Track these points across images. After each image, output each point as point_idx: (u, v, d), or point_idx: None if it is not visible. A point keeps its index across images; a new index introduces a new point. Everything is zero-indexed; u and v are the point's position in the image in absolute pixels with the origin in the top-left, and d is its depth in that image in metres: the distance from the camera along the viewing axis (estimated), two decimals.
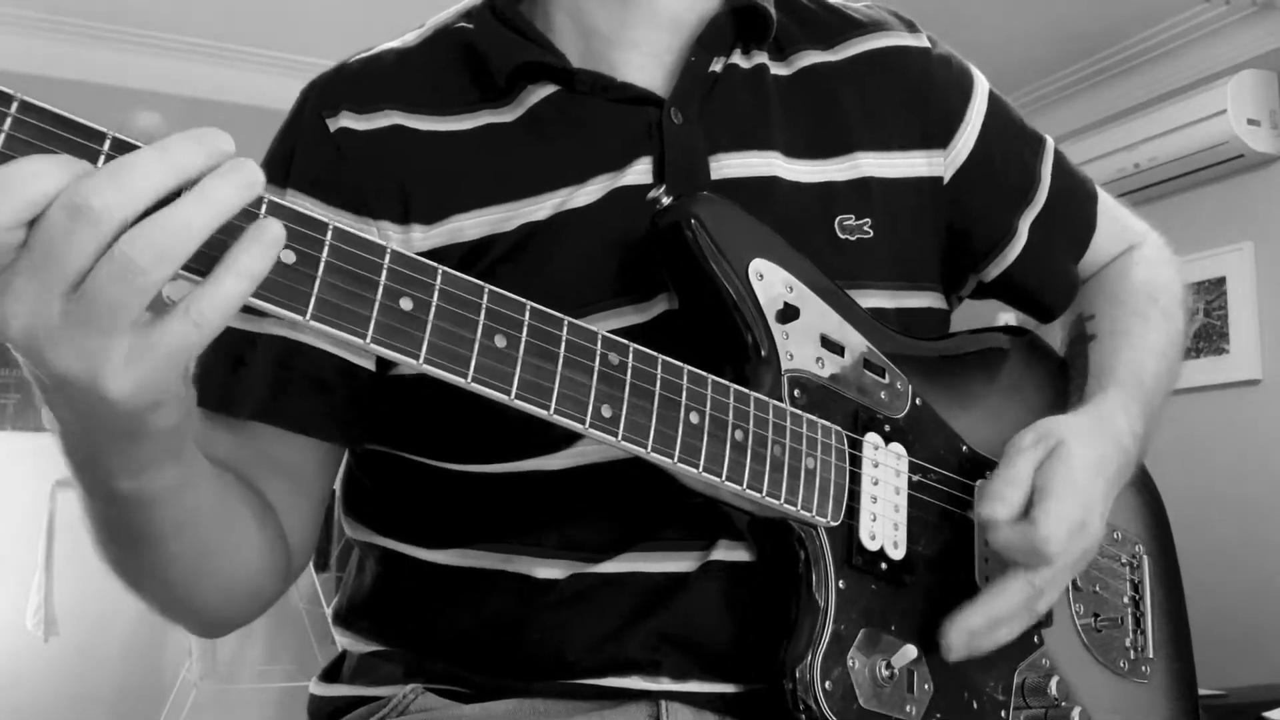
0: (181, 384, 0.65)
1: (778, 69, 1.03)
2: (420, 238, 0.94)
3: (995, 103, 1.11)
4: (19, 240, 0.56)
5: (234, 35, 4.00)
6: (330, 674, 1.03)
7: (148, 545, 0.79)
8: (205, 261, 0.59)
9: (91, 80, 3.92)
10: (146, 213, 0.57)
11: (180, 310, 0.59)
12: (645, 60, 0.99)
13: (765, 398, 0.83)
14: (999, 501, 0.88)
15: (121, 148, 0.58)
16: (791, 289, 0.88)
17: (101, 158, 0.57)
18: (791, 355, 0.87)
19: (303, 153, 0.97)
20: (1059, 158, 1.15)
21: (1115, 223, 1.18)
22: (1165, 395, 1.09)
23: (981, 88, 1.10)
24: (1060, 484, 0.88)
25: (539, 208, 0.94)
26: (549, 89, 0.97)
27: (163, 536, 0.78)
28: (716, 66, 0.99)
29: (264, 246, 0.60)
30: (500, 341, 0.70)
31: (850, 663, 0.84)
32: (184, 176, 0.58)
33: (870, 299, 0.96)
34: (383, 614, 0.99)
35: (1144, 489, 1.15)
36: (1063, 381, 1.09)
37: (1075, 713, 0.93)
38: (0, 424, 3.83)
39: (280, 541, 0.93)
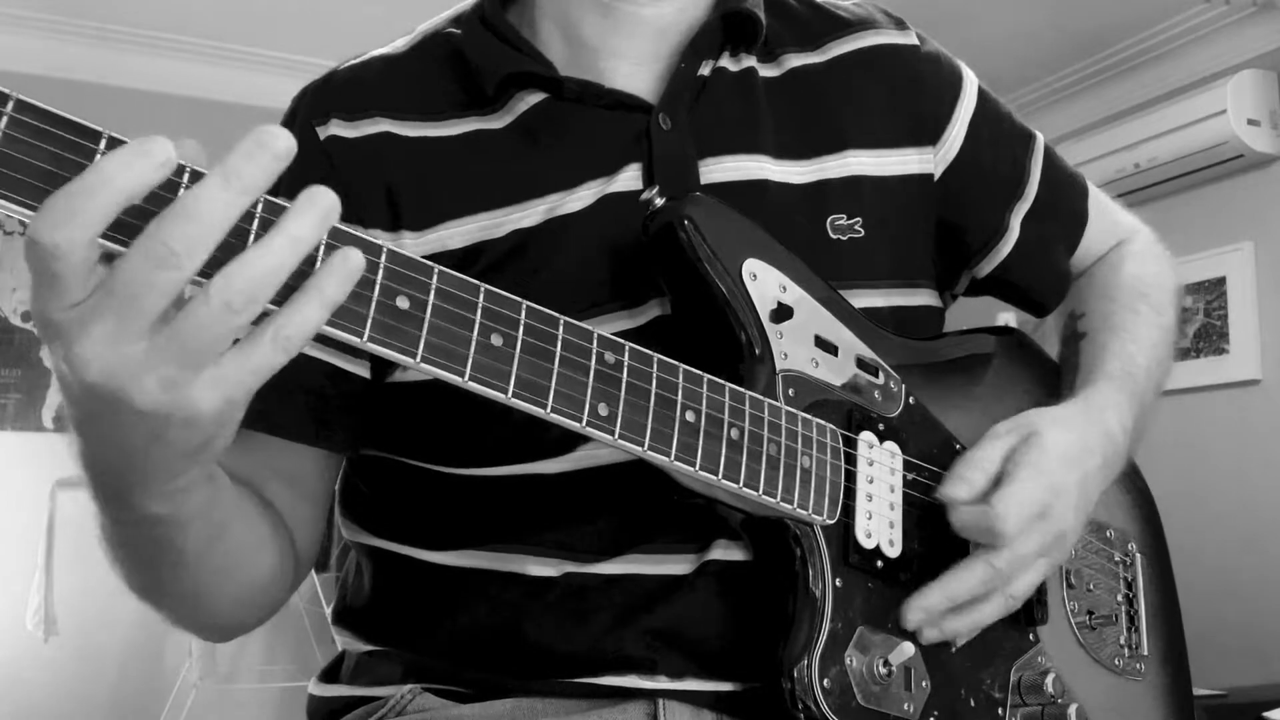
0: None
1: (766, 71, 1.03)
2: (410, 244, 0.94)
3: (984, 99, 1.11)
4: (96, 258, 0.57)
5: (234, 35, 4.00)
6: (329, 674, 1.03)
7: (176, 562, 0.79)
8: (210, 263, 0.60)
9: (92, 80, 3.93)
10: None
11: (269, 335, 0.60)
12: (633, 67, 0.99)
13: (761, 397, 0.84)
14: (959, 482, 0.89)
15: (117, 147, 0.58)
16: (785, 289, 0.89)
17: (97, 156, 0.57)
18: (786, 355, 0.87)
19: (293, 161, 0.97)
20: (1049, 153, 1.15)
21: (1106, 217, 1.18)
22: (1157, 389, 1.09)
23: (970, 84, 1.10)
24: (1025, 469, 0.89)
25: (529, 214, 0.94)
26: (537, 96, 0.97)
27: (193, 553, 0.78)
28: (704, 70, 0.99)
29: (348, 273, 0.61)
30: (497, 340, 0.70)
31: (848, 661, 0.84)
32: (254, 196, 0.58)
33: (863, 298, 0.96)
34: (381, 614, 0.99)
35: (1134, 487, 1.15)
36: (1054, 379, 1.10)
37: (1072, 710, 0.93)
38: (0, 424, 3.83)
39: (290, 546, 0.93)
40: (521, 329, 0.71)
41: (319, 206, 0.60)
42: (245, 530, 0.86)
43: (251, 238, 0.61)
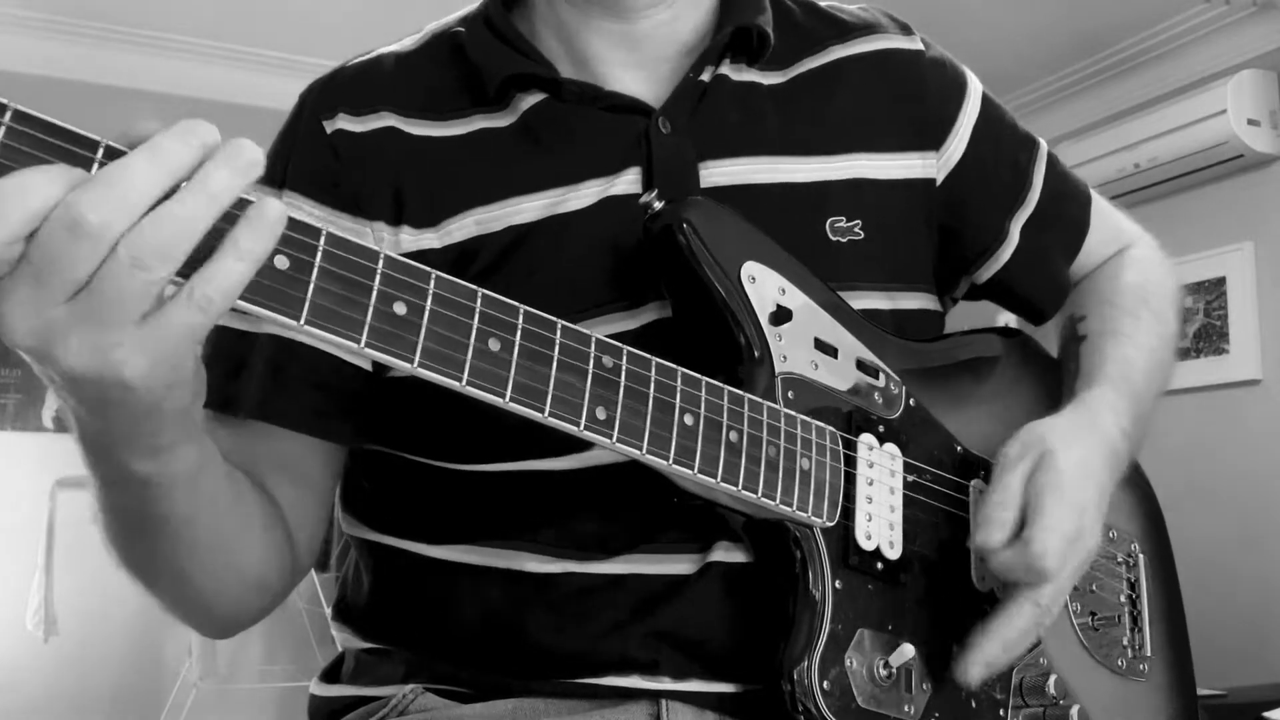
0: (194, 363, 0.66)
1: (769, 77, 1.03)
2: (409, 240, 0.94)
3: (988, 105, 1.11)
4: (17, 254, 0.57)
5: (234, 35, 4.00)
6: (330, 674, 1.03)
7: (164, 533, 0.79)
8: (204, 249, 0.60)
9: (91, 80, 3.93)
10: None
11: (184, 295, 0.60)
12: (631, 72, 1.00)
13: (759, 399, 0.84)
14: (993, 526, 0.88)
15: (115, 156, 0.58)
16: (784, 291, 0.89)
17: (95, 165, 0.57)
18: (785, 357, 0.87)
19: (300, 154, 0.98)
20: (1052, 160, 1.15)
21: (1108, 225, 1.18)
22: (1157, 394, 1.09)
23: (975, 90, 1.10)
24: (1050, 498, 0.88)
25: (527, 209, 0.94)
26: (538, 97, 0.97)
27: (179, 522, 0.78)
28: (705, 76, 0.99)
29: (265, 225, 0.60)
30: (494, 345, 0.70)
31: (848, 663, 0.84)
32: (177, 177, 0.58)
33: (863, 300, 0.96)
34: (380, 611, 0.99)
35: (1137, 487, 1.15)
36: (1055, 382, 1.09)
37: (1074, 711, 0.93)
38: (0, 424, 3.83)
39: (287, 538, 0.93)
40: (519, 333, 0.71)
41: (240, 157, 0.59)
42: (239, 512, 0.86)
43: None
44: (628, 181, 0.95)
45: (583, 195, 0.94)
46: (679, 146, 0.96)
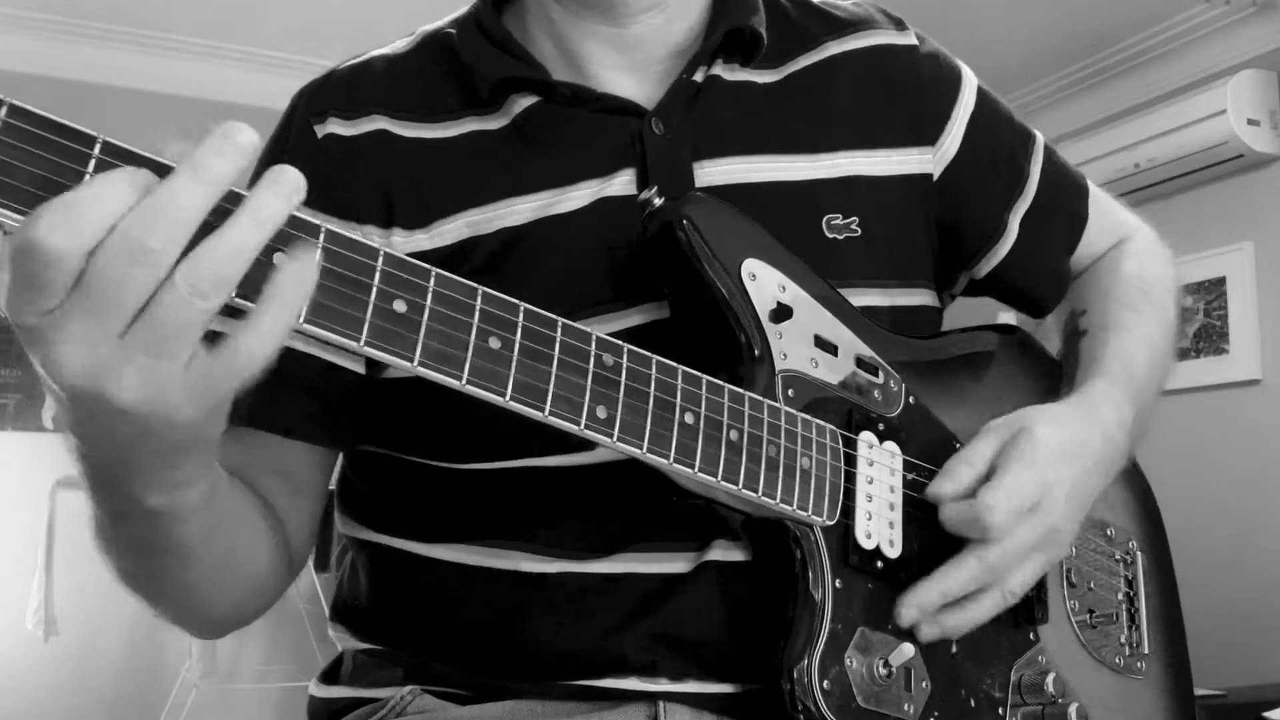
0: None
1: (762, 76, 1.02)
2: (402, 242, 0.94)
3: (984, 99, 1.11)
4: (77, 271, 0.56)
5: (233, 35, 4.00)
6: (329, 675, 1.03)
7: (174, 557, 0.79)
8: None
9: (91, 80, 3.93)
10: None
11: (231, 348, 0.60)
12: (623, 74, 1.00)
13: (760, 397, 0.84)
14: (947, 478, 0.89)
15: (112, 152, 0.58)
16: (784, 289, 0.89)
17: (92, 161, 0.57)
18: (785, 355, 0.87)
19: (291, 158, 0.96)
20: (1049, 153, 1.15)
21: (1107, 217, 1.18)
22: (1158, 387, 1.09)
23: (970, 84, 1.10)
24: (1015, 464, 0.88)
25: (519, 211, 0.94)
26: (531, 99, 0.97)
27: (192, 546, 0.78)
28: (698, 77, 0.99)
29: (308, 276, 0.61)
30: (494, 343, 0.70)
31: (848, 662, 0.84)
32: (222, 189, 0.58)
33: (861, 297, 0.96)
34: (377, 611, 0.99)
35: (1135, 486, 1.15)
36: (1055, 379, 1.09)
37: (1072, 709, 0.93)
38: (0, 424, 3.83)
39: (283, 542, 0.94)
40: (519, 331, 0.71)
41: (283, 184, 0.60)
42: (243, 524, 0.86)
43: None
44: (622, 183, 0.95)
45: (576, 197, 0.94)
46: (673, 147, 0.96)
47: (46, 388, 0.63)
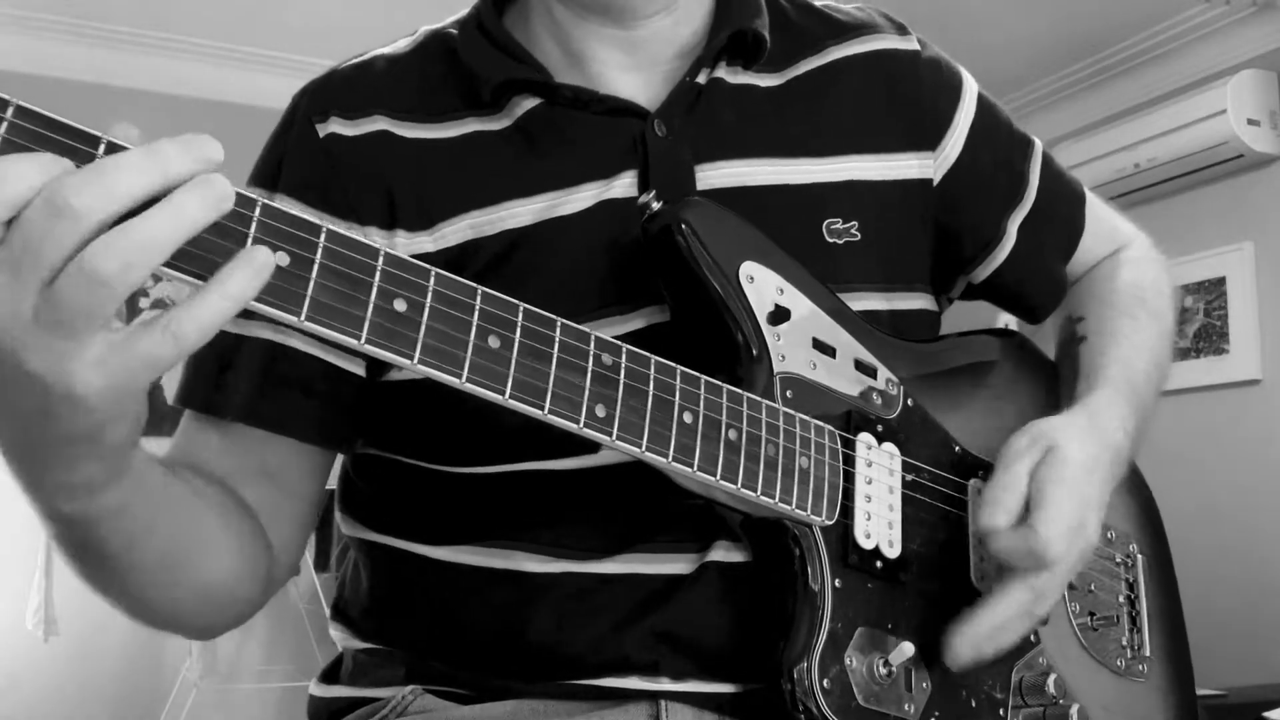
0: (143, 399, 0.65)
1: (765, 79, 1.03)
2: (404, 243, 0.94)
3: (984, 105, 1.11)
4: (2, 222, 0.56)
5: (233, 35, 4.00)
6: (329, 675, 1.03)
7: (104, 559, 0.79)
8: (205, 265, 0.60)
9: (92, 80, 3.93)
10: (128, 214, 0.57)
11: (161, 324, 0.59)
12: (627, 75, 1.00)
13: (758, 398, 0.84)
14: (998, 508, 0.88)
15: (116, 152, 0.58)
16: (782, 291, 0.89)
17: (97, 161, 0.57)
18: (784, 357, 0.87)
19: (292, 158, 0.97)
20: (1047, 160, 1.15)
21: (1103, 224, 1.19)
22: (1156, 393, 1.09)
23: (970, 90, 1.11)
24: (1056, 487, 0.88)
25: (522, 212, 0.94)
26: (534, 101, 0.97)
27: (116, 551, 0.78)
28: (701, 79, 0.99)
29: (253, 271, 0.60)
30: (494, 342, 0.70)
31: (848, 661, 0.84)
32: (168, 182, 0.58)
33: (860, 301, 0.97)
34: (378, 611, 0.99)
35: (1136, 488, 1.15)
36: (1053, 382, 1.10)
37: (1073, 710, 0.93)
38: None
39: (258, 545, 0.92)
40: (519, 331, 0.71)
41: (211, 188, 0.59)
42: (186, 530, 0.84)
43: (249, 241, 0.61)
44: (624, 185, 0.95)
45: (579, 199, 0.94)
46: (675, 149, 0.96)
47: None
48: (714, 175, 0.96)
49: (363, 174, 0.95)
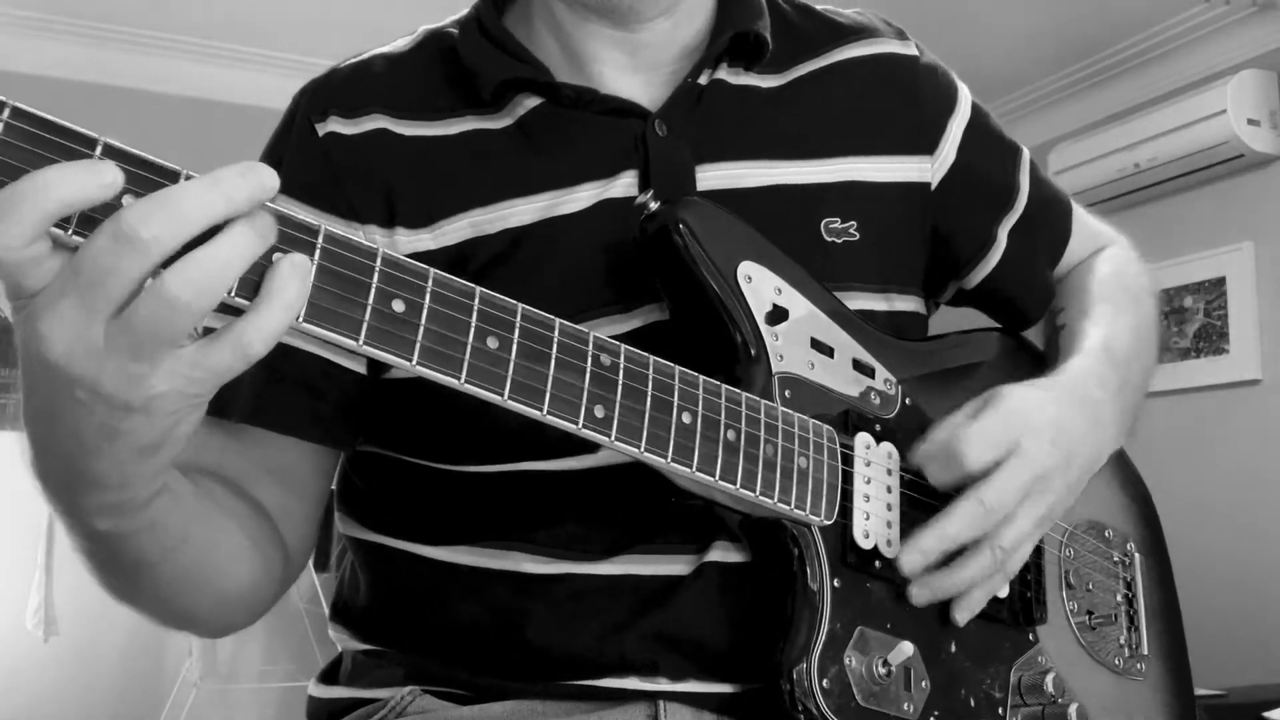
0: (205, 407, 0.67)
1: (766, 80, 1.03)
2: (405, 241, 0.94)
3: (977, 112, 1.12)
4: (44, 253, 0.57)
5: (234, 35, 4.00)
6: (328, 676, 1.03)
7: (134, 572, 0.80)
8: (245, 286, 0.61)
9: (92, 80, 3.93)
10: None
11: (229, 339, 0.61)
12: (628, 75, 1.00)
13: (757, 398, 0.84)
14: (927, 441, 0.91)
15: (113, 153, 0.58)
16: (780, 291, 0.89)
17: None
18: (782, 356, 0.87)
19: (292, 157, 0.98)
20: (1034, 168, 1.16)
21: (1087, 229, 1.20)
22: (1144, 371, 1.09)
23: (965, 97, 1.12)
24: (985, 413, 0.90)
25: (523, 211, 0.94)
26: (535, 100, 0.97)
27: (148, 563, 0.79)
28: (703, 80, 1.00)
29: (303, 279, 0.62)
30: (492, 343, 0.70)
31: (847, 661, 0.84)
32: (233, 211, 0.59)
33: (857, 301, 0.97)
34: (377, 612, 1.00)
35: (1132, 487, 1.16)
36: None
37: (1072, 709, 0.94)
38: (0, 424, 3.83)
39: (274, 547, 0.93)
40: (517, 331, 0.71)
41: (270, 220, 0.61)
42: (214, 539, 0.85)
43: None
44: (624, 184, 0.95)
45: (579, 198, 0.95)
46: (676, 149, 0.96)
47: (24, 367, 0.63)
48: (714, 175, 0.96)
49: (362, 172, 0.95)
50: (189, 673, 3.76)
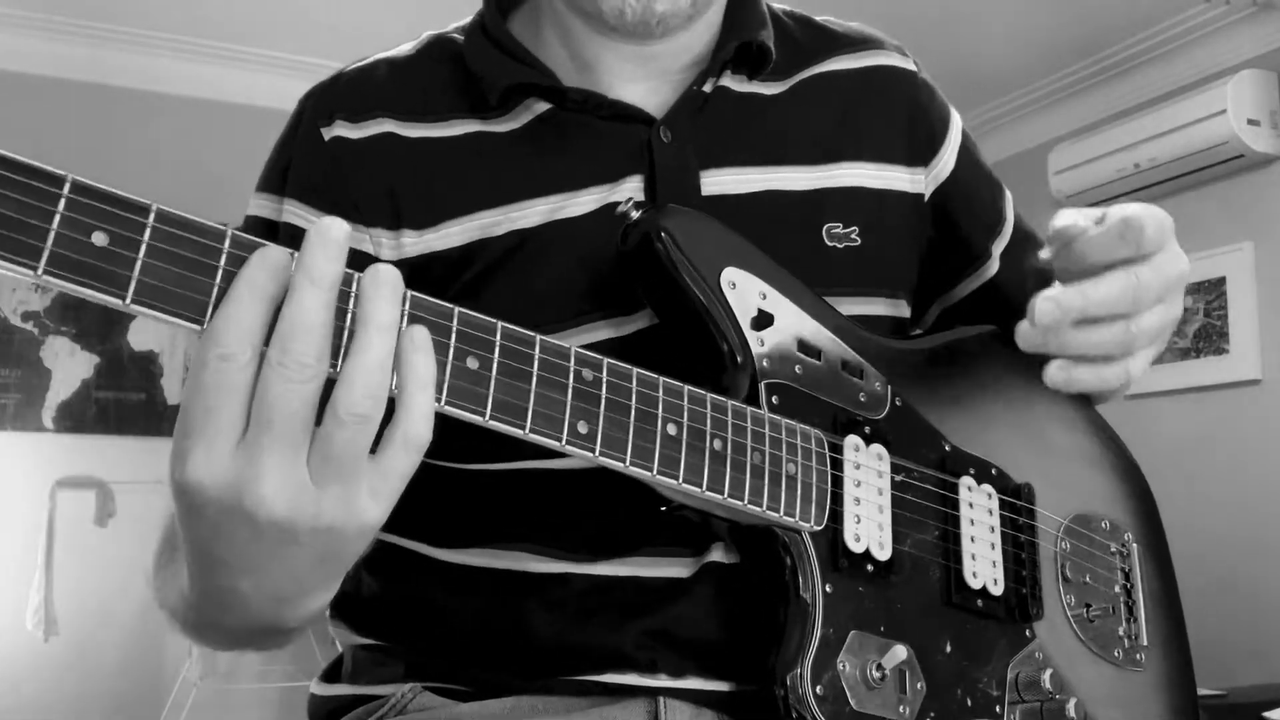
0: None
1: (769, 88, 1.04)
2: (411, 243, 0.94)
3: (968, 137, 1.14)
4: (246, 360, 0.60)
5: (235, 35, 4.00)
6: (330, 674, 1.04)
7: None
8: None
9: (93, 80, 3.93)
10: None
11: (398, 440, 0.64)
12: (635, 82, 1.00)
13: (742, 406, 0.83)
14: (1062, 220, 0.89)
15: (81, 190, 0.58)
16: (765, 296, 0.89)
17: (62, 201, 0.57)
18: (768, 362, 0.87)
19: (299, 161, 0.98)
20: (1012, 201, 1.18)
21: None
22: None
23: (957, 119, 1.14)
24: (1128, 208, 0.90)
25: (529, 213, 0.95)
26: (542, 105, 0.98)
27: None
28: (708, 87, 1.00)
29: (430, 352, 0.65)
30: (472, 363, 0.69)
31: (840, 666, 0.84)
32: (337, 286, 0.62)
33: (856, 306, 0.97)
34: (378, 607, 1.00)
35: (1131, 480, 1.15)
36: (1040, 379, 1.10)
37: (1071, 704, 0.93)
38: (0, 424, 3.84)
39: None
40: (497, 350, 0.70)
41: (392, 287, 0.64)
42: None
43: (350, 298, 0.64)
44: (629, 190, 0.95)
45: (583, 202, 0.95)
46: (680, 155, 0.97)
47: (210, 544, 0.65)
48: (719, 181, 0.97)
49: (367, 175, 0.96)
50: (189, 673, 3.76)
